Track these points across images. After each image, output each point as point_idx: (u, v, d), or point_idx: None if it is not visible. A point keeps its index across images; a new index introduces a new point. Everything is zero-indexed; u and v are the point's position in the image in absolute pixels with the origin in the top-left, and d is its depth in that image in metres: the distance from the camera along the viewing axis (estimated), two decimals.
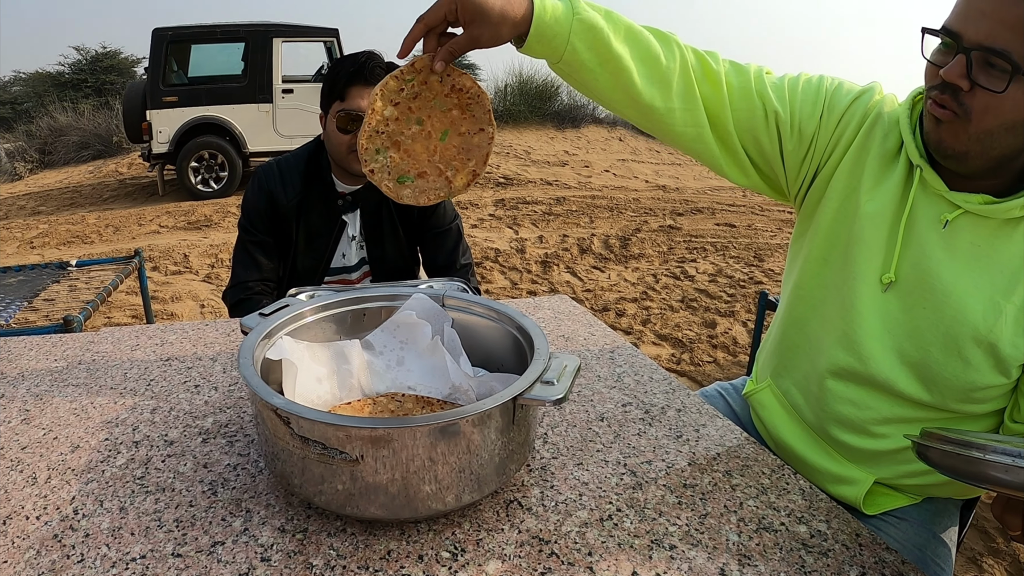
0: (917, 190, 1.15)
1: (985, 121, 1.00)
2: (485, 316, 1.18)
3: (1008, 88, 0.96)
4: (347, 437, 0.78)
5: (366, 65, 1.82)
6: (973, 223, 1.10)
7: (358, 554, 0.84)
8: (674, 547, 0.87)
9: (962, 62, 0.99)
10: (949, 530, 1.28)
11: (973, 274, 1.10)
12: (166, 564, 0.82)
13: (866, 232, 1.18)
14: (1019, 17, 0.93)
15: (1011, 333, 1.08)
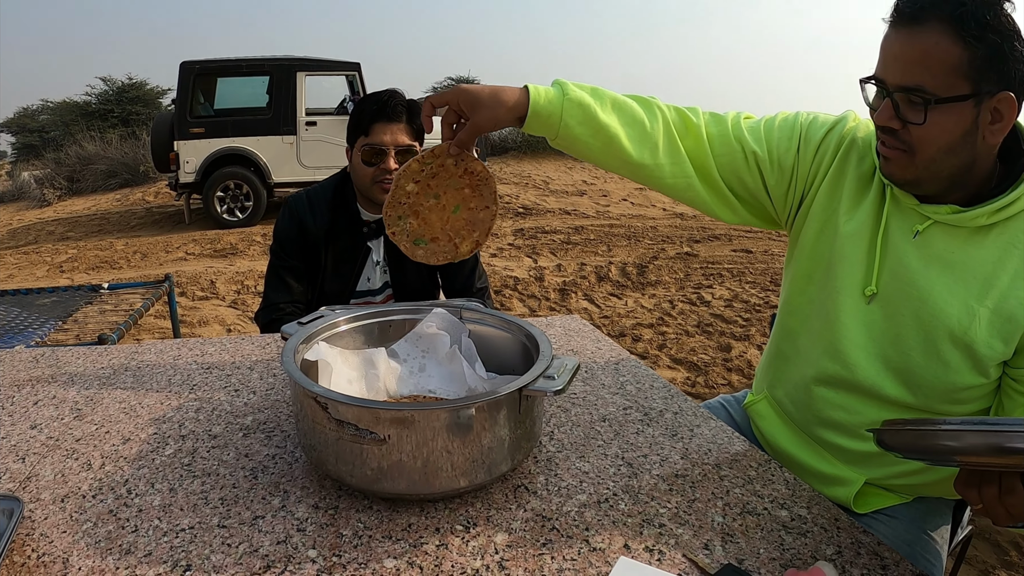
0: (890, 206, 1.26)
1: (926, 151, 1.12)
2: (498, 327, 1.30)
3: (927, 118, 1.08)
4: (376, 419, 0.90)
5: (388, 103, 1.96)
6: (944, 232, 1.19)
7: (382, 526, 0.95)
8: (663, 525, 0.98)
9: (889, 105, 1.12)
10: (940, 528, 1.36)
11: (947, 280, 1.18)
12: (212, 533, 0.94)
13: (846, 249, 1.28)
14: (922, 53, 1.07)
15: (986, 335, 1.15)
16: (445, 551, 0.91)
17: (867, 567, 0.93)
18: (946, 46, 1.05)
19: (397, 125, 1.98)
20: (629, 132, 1.32)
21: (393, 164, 1.98)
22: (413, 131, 2.02)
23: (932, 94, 1.07)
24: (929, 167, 1.14)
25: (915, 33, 1.08)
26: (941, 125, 1.09)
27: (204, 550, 0.91)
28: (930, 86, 1.07)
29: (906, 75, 1.09)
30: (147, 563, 0.88)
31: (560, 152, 15.03)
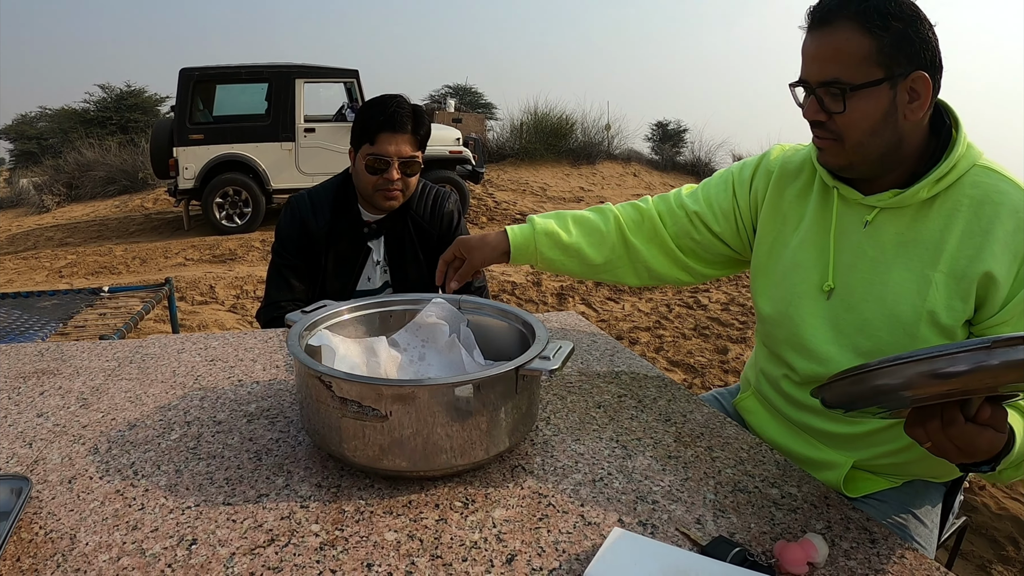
0: (839, 206, 1.36)
1: (853, 136, 1.22)
2: (495, 316, 1.33)
3: (846, 106, 1.20)
4: (378, 395, 0.93)
5: (395, 115, 2.00)
6: (892, 216, 1.28)
7: (384, 503, 0.98)
8: (656, 502, 1.01)
9: (814, 101, 1.24)
10: (930, 512, 1.39)
11: (902, 258, 1.26)
12: (217, 510, 0.97)
13: (799, 257, 1.39)
14: (835, 49, 1.19)
15: (945, 298, 1.22)
16: (444, 525, 0.94)
17: (856, 540, 0.96)
18: (855, 39, 1.17)
19: (402, 136, 2.01)
20: (589, 240, 1.63)
21: (396, 174, 2.01)
22: (417, 141, 2.06)
23: (847, 83, 1.18)
24: (858, 150, 1.24)
25: (826, 33, 1.20)
26: (861, 110, 1.20)
27: (210, 526, 0.93)
28: (845, 77, 1.18)
29: (823, 71, 1.21)
30: (153, 538, 0.91)
31: (557, 159, 15.21)
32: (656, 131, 22.05)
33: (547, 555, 0.88)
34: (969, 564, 2.56)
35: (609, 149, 16.07)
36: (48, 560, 0.87)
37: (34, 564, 0.86)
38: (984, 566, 2.54)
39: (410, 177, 2.07)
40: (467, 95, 25.75)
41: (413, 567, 0.85)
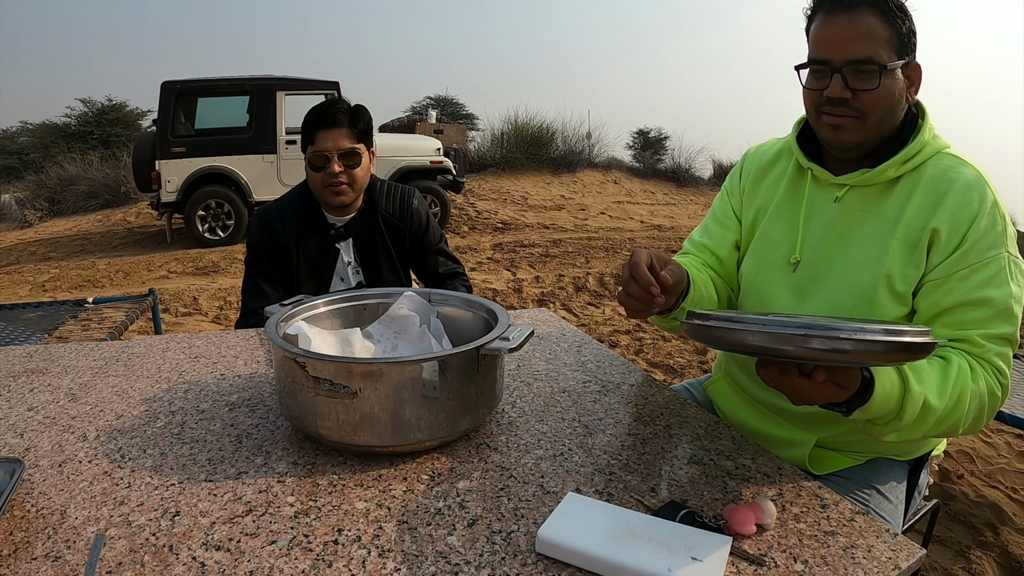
0: (811, 186, 1.46)
1: (876, 113, 1.31)
2: (462, 307, 1.40)
3: (880, 83, 1.28)
4: (349, 373, 1.00)
5: (327, 111, 2.08)
6: (860, 194, 1.39)
7: (355, 476, 1.05)
8: (613, 473, 1.08)
9: (840, 80, 1.30)
10: (895, 488, 1.45)
11: (866, 229, 1.37)
12: (200, 487, 1.03)
13: (770, 232, 1.50)
14: (867, 31, 1.28)
15: (900, 264, 1.32)
16: (411, 495, 1.00)
17: (807, 506, 1.03)
18: (880, 24, 1.28)
19: (338, 130, 2.09)
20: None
21: (337, 167, 2.09)
22: (355, 134, 2.12)
23: (881, 63, 1.28)
24: (877, 127, 1.33)
25: (854, 17, 1.29)
26: (889, 89, 1.30)
27: (192, 499, 1.00)
28: (877, 56, 1.28)
29: (855, 51, 1.28)
30: (139, 511, 0.97)
31: (538, 168, 15.28)
32: (637, 139, 22.21)
33: (506, 519, 0.95)
34: (948, 550, 2.61)
35: (590, 157, 16.18)
36: (39, 533, 0.93)
37: (26, 537, 0.92)
38: (963, 551, 2.59)
39: (354, 169, 2.13)
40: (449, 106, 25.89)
41: (380, 531, 0.92)
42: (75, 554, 0.88)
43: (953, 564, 2.52)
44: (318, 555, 0.87)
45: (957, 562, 2.53)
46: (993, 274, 1.26)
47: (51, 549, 0.89)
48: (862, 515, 1.01)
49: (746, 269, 1.56)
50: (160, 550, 0.88)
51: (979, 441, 3.58)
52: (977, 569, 2.49)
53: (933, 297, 1.30)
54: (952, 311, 1.28)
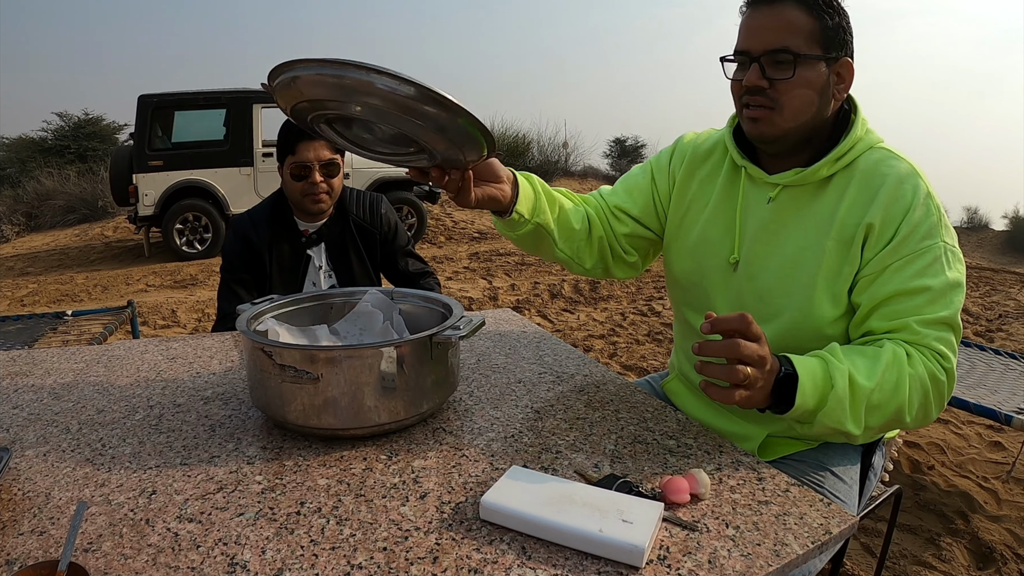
0: (745, 184, 1.48)
1: (792, 103, 1.33)
2: (422, 303, 1.50)
3: (795, 72, 1.31)
4: (311, 359, 1.09)
5: None
6: (793, 194, 1.41)
7: (319, 457, 1.14)
8: (560, 452, 1.18)
9: (757, 69, 1.33)
10: (849, 469, 1.50)
11: (801, 229, 1.39)
12: (175, 469, 1.12)
13: (708, 233, 1.52)
14: (786, 22, 1.31)
15: (836, 264, 1.34)
16: (370, 472, 1.09)
17: (743, 479, 1.10)
18: (802, 17, 1.31)
19: (319, 142, 2.18)
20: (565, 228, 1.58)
21: (318, 177, 2.18)
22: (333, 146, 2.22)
23: (797, 52, 1.30)
24: (794, 118, 1.35)
25: (776, 9, 1.32)
26: (806, 78, 1.32)
27: (167, 480, 1.08)
28: (793, 46, 1.30)
29: (772, 40, 1.32)
30: (119, 491, 1.05)
31: None
32: (614, 147, 22.35)
33: (456, 492, 1.04)
34: (918, 538, 2.68)
35: (566, 166, 16.33)
36: (26, 512, 1.00)
37: (13, 516, 0.99)
38: (933, 539, 2.67)
39: (332, 179, 2.23)
40: None
41: (339, 503, 1.00)
42: (59, 529, 0.96)
43: (923, 551, 2.60)
44: (281, 524, 0.95)
45: (927, 549, 2.62)
46: (928, 263, 1.28)
47: (36, 526, 0.97)
48: (797, 486, 1.07)
49: (687, 269, 1.58)
50: (137, 523, 0.96)
51: (950, 432, 3.69)
52: (947, 555, 2.57)
53: (869, 291, 1.31)
54: (888, 302, 1.29)
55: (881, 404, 1.21)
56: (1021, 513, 2.91)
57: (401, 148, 1.16)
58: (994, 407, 2.66)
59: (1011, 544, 2.67)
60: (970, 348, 3.48)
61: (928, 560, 2.55)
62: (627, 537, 0.88)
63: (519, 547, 0.91)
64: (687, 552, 0.90)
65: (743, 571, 0.86)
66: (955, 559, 2.56)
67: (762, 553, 0.90)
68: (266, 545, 0.90)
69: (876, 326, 1.31)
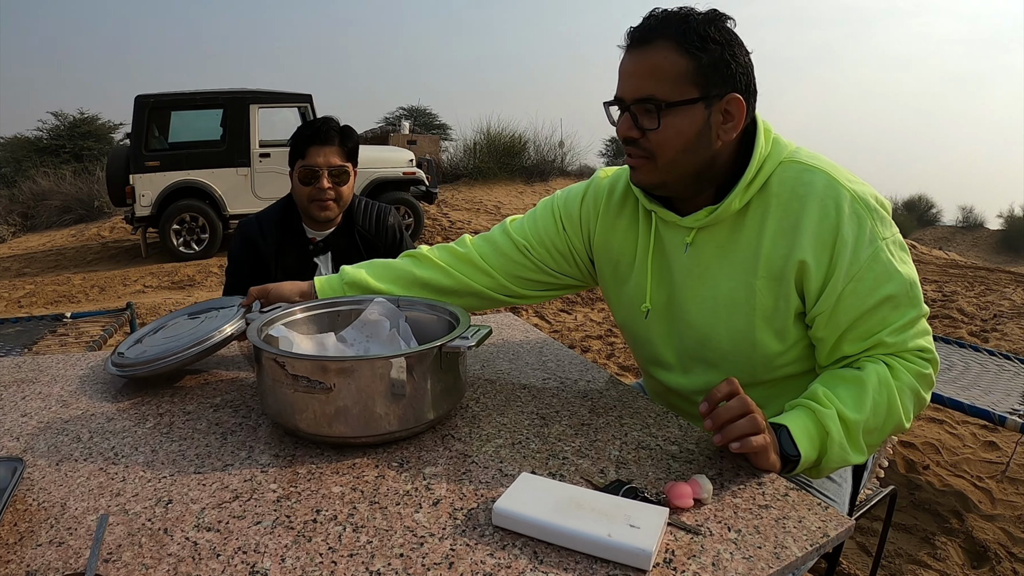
0: (658, 227, 1.44)
1: (665, 153, 1.27)
2: (428, 311, 1.52)
3: (661, 122, 1.24)
4: (324, 370, 1.11)
5: (321, 128, 2.18)
6: (710, 233, 1.36)
7: (332, 465, 1.16)
8: (566, 458, 1.20)
9: (627, 118, 1.28)
10: (842, 472, 1.54)
11: (726, 271, 1.34)
12: (189, 478, 1.13)
13: (631, 276, 1.52)
14: (652, 67, 1.23)
15: (771, 300, 1.30)
16: (382, 480, 1.11)
17: (744, 483, 1.12)
18: (673, 58, 1.22)
19: (330, 148, 2.19)
20: (399, 286, 1.66)
21: (326, 183, 2.19)
22: (345, 152, 2.23)
23: (662, 100, 1.23)
24: (671, 168, 1.29)
25: (645, 52, 1.24)
26: (675, 127, 1.24)
27: (183, 489, 1.10)
28: (660, 94, 1.23)
29: (639, 88, 1.25)
30: (135, 501, 1.07)
31: (511, 177, 15.42)
32: (609, 146, 22.41)
33: (467, 498, 1.06)
34: (913, 537, 2.74)
35: (562, 166, 16.35)
36: (42, 523, 1.02)
37: (30, 527, 1.01)
38: (928, 538, 2.73)
39: (341, 186, 2.24)
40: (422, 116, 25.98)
41: (355, 511, 1.02)
42: (77, 539, 0.97)
43: (919, 550, 2.65)
44: (299, 532, 0.97)
45: (923, 548, 2.67)
46: (878, 273, 1.24)
47: (54, 536, 0.98)
48: (796, 491, 1.09)
49: (624, 318, 1.58)
50: (156, 533, 0.98)
51: (945, 433, 3.73)
52: (942, 554, 2.62)
53: (830, 323, 1.28)
54: (854, 326, 1.26)
55: (878, 427, 1.23)
56: (1015, 512, 2.95)
57: None
58: (988, 408, 2.70)
59: (1005, 543, 2.72)
60: (964, 349, 3.52)
61: (923, 559, 2.59)
62: (635, 541, 0.90)
63: (531, 552, 0.93)
64: (691, 555, 0.93)
65: (745, 573, 0.89)
66: (950, 558, 2.60)
67: (763, 556, 0.93)
68: (285, 553, 0.92)
69: (849, 350, 1.28)
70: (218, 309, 1.72)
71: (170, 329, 1.68)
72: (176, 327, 1.68)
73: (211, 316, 1.67)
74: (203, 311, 1.75)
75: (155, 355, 1.52)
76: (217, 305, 1.75)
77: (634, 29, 1.26)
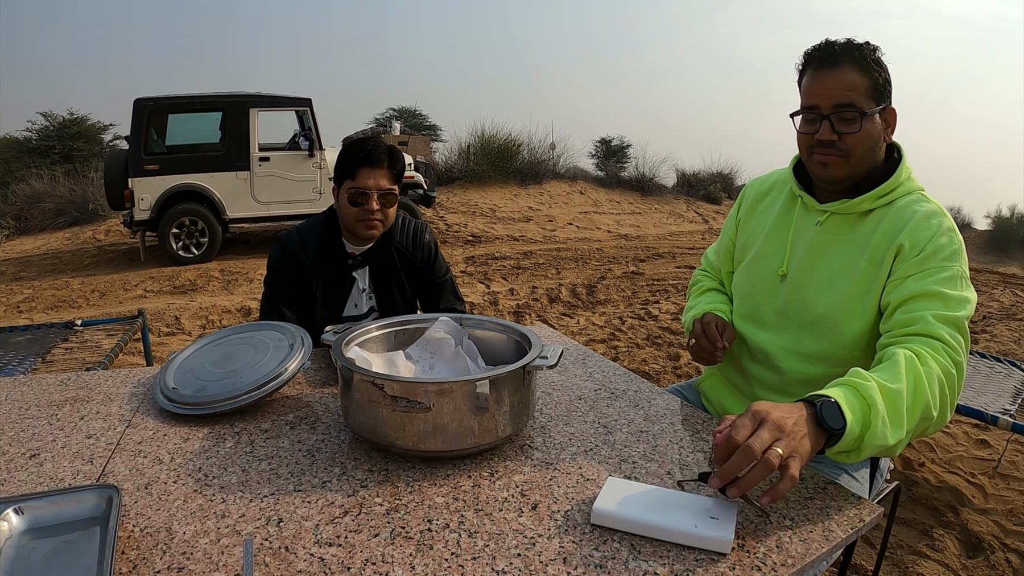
0: (800, 211, 1.72)
1: (858, 152, 1.55)
2: (494, 329, 1.61)
3: (862, 127, 1.53)
4: (424, 392, 1.21)
5: (372, 152, 2.25)
6: (839, 220, 1.63)
7: (427, 478, 1.26)
8: (635, 463, 1.32)
9: (827, 125, 1.54)
10: (861, 470, 1.70)
11: (841, 250, 1.60)
12: (291, 496, 1.20)
13: (763, 250, 1.76)
14: (849, 83, 1.52)
15: (866, 281, 1.55)
16: (479, 489, 1.21)
17: None
18: (860, 77, 1.52)
19: (380, 171, 2.26)
20: None
21: (375, 205, 2.26)
22: (393, 175, 2.31)
23: (861, 109, 1.52)
24: (859, 165, 1.57)
25: (838, 71, 1.53)
26: (868, 131, 1.54)
27: (289, 507, 1.16)
28: (858, 103, 1.52)
29: (839, 99, 1.52)
30: (244, 521, 1.12)
31: (505, 179, 15.50)
32: (600, 147, 22.50)
33: (560, 502, 1.17)
34: (912, 530, 2.90)
35: (555, 168, 16.43)
36: (152, 549, 1.04)
37: (140, 554, 1.03)
38: (926, 531, 2.89)
39: (388, 208, 2.31)
40: (412, 117, 25.96)
41: (463, 519, 1.12)
42: (196, 563, 1.00)
43: (918, 542, 2.80)
44: (419, 541, 1.06)
45: (922, 540, 2.82)
46: (946, 278, 1.44)
47: (172, 562, 1.01)
48: (833, 485, 1.27)
49: (741, 281, 1.81)
50: (278, 552, 1.04)
51: (939, 432, 3.86)
52: (940, 545, 2.77)
53: (895, 292, 1.48)
54: (908, 301, 1.45)
55: (911, 406, 1.28)
56: (1007, 506, 3.11)
57: None
58: (981, 408, 2.87)
59: (998, 534, 2.88)
60: None
61: (922, 550, 2.75)
62: (717, 531, 1.06)
63: (628, 545, 1.06)
64: (759, 540, 1.09)
65: (803, 552, 1.06)
66: (947, 549, 2.76)
67: (815, 538, 1.10)
68: (412, 561, 1.01)
69: (897, 319, 1.45)
70: (273, 333, 1.77)
71: (223, 358, 1.70)
72: (230, 356, 1.71)
73: (269, 345, 1.72)
74: (256, 334, 1.79)
75: (218, 395, 1.55)
76: (270, 328, 1.80)
77: (821, 52, 1.55)
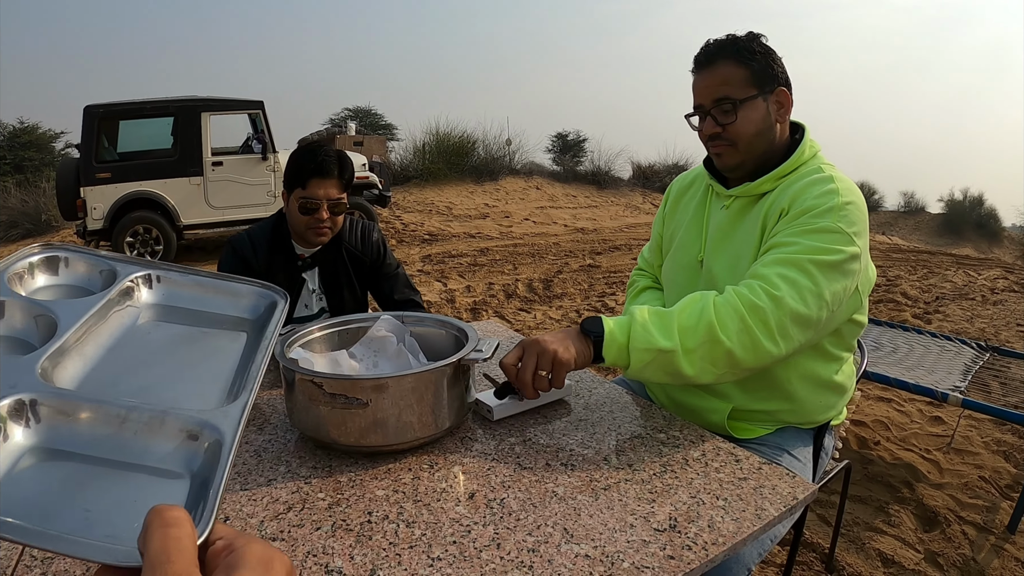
0: (712, 199, 1.83)
1: (744, 138, 1.64)
2: (433, 326, 1.66)
3: (737, 116, 1.62)
4: (360, 388, 1.26)
5: (324, 162, 2.29)
6: (742, 203, 1.72)
7: (369, 472, 1.30)
8: (572, 451, 1.37)
9: (710, 120, 1.66)
10: (803, 450, 1.75)
11: (744, 231, 1.69)
12: (238, 495, 1.25)
13: (683, 239, 1.85)
14: (722, 78, 1.62)
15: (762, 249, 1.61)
16: (418, 481, 1.26)
17: (724, 461, 1.34)
18: (734, 69, 1.61)
19: (330, 180, 2.30)
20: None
21: (325, 214, 2.30)
22: (342, 184, 2.35)
23: (735, 99, 1.61)
24: (749, 149, 1.66)
25: (713, 69, 1.64)
26: (748, 117, 1.62)
27: (235, 506, 1.21)
28: (732, 95, 1.61)
29: (715, 94, 1.63)
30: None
31: (460, 177, 15.51)
32: (556, 142, 22.53)
33: (497, 490, 1.22)
34: (868, 507, 2.97)
35: (511, 164, 16.48)
36: None
37: None
38: (882, 507, 2.96)
39: (337, 216, 2.35)
40: (367, 117, 25.84)
41: (402, 510, 1.17)
42: None
43: (875, 519, 2.88)
44: (359, 533, 1.11)
45: (878, 516, 2.90)
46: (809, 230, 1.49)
47: None
48: (768, 465, 1.33)
49: (667, 270, 1.91)
50: None
51: (893, 410, 3.97)
52: (896, 520, 2.85)
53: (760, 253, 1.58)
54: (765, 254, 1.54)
55: (690, 326, 1.41)
56: (961, 480, 3.21)
57: None
58: (932, 386, 2.96)
59: (953, 508, 2.96)
60: (909, 332, 3.77)
61: (879, 526, 2.82)
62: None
63: (561, 529, 1.11)
64: (691, 520, 1.14)
65: (735, 531, 1.11)
66: (903, 524, 2.84)
67: (747, 517, 1.15)
68: (352, 552, 1.06)
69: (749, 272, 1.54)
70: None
71: None
72: None
73: None
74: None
75: None
76: None
77: (700, 54, 1.66)
